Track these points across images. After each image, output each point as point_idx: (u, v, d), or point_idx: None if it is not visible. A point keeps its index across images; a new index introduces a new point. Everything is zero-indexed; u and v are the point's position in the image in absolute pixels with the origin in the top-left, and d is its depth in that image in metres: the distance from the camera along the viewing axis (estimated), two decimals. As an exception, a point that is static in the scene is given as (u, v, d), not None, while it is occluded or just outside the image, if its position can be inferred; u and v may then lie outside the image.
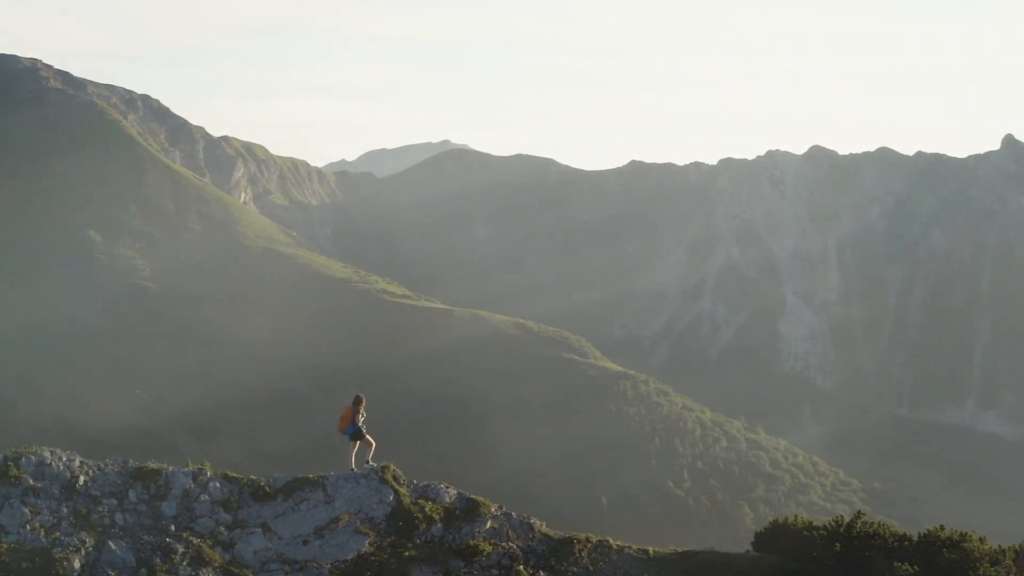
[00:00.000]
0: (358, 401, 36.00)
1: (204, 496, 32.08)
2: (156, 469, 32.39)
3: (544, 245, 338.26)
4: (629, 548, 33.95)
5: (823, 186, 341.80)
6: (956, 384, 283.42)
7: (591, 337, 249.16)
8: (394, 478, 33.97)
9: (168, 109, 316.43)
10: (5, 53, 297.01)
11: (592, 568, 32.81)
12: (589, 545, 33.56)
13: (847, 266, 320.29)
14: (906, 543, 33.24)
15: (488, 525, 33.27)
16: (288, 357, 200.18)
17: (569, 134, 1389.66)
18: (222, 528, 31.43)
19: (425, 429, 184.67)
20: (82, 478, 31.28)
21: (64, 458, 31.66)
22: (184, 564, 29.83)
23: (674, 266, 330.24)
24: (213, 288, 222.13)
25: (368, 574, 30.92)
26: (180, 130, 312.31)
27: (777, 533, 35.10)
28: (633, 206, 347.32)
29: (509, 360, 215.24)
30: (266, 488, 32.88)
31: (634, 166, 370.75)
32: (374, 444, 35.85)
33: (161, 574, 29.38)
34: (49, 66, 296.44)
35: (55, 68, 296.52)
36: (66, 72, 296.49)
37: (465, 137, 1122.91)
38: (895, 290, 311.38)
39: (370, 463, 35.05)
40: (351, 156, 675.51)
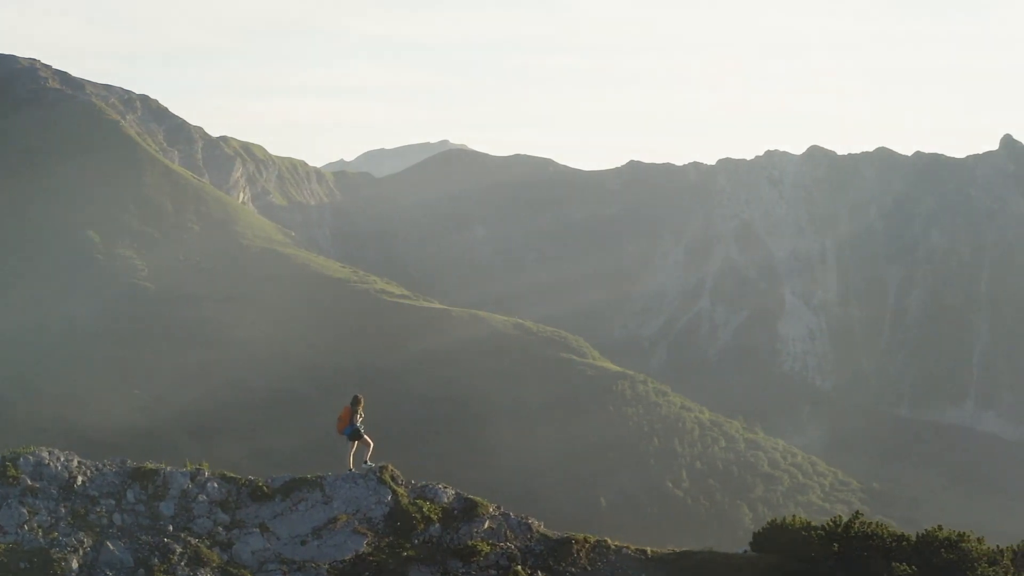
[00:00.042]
0: (356, 401, 35.98)
1: (202, 496, 32.09)
2: (154, 469, 32.39)
3: (543, 245, 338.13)
4: (627, 548, 33.96)
5: (822, 186, 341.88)
6: (955, 384, 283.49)
7: (590, 337, 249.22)
8: (392, 478, 33.97)
9: (167, 109, 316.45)
10: (3, 53, 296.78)
11: (590, 568, 32.83)
12: (587, 545, 33.57)
13: (846, 266, 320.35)
14: (904, 543, 33.28)
15: (486, 525, 33.28)
16: (287, 357, 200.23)
17: (568, 134, 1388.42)
18: (220, 528, 31.43)
19: (423, 429, 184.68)
20: (80, 478, 31.28)
21: (62, 458, 31.66)
22: (182, 564, 29.84)
23: (673, 266, 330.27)
24: (212, 288, 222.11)
25: (366, 574, 30.93)
26: (179, 130, 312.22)
27: (775, 533, 35.13)
28: (632, 206, 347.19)
29: (507, 360, 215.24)
30: (264, 488, 32.88)
31: (633, 166, 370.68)
32: (372, 444, 35.83)
33: (159, 574, 29.39)
34: (48, 66, 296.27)
35: (53, 68, 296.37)
36: (65, 72, 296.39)
37: (464, 137, 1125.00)
38: (894, 290, 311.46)
39: (368, 463, 35.04)
40: (350, 156, 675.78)
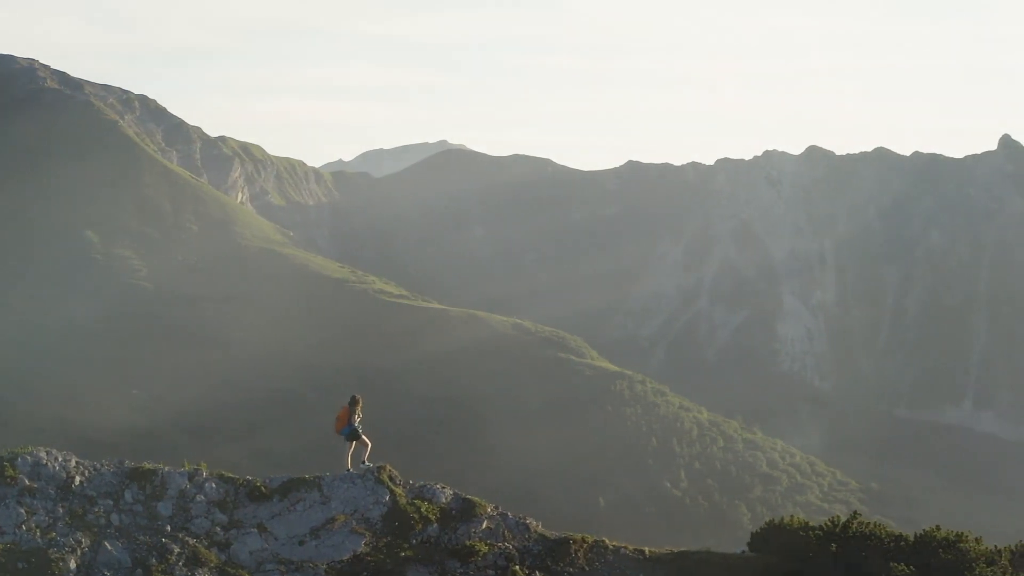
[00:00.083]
0: (355, 401, 35.95)
1: (200, 496, 32.08)
2: (152, 469, 32.38)
3: (541, 245, 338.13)
4: (625, 548, 33.96)
5: (820, 186, 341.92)
6: (953, 384, 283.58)
7: (588, 337, 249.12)
8: (390, 478, 33.96)
9: (165, 109, 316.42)
10: (2, 53, 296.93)
11: (588, 568, 32.83)
12: (585, 545, 33.57)
13: (844, 266, 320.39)
14: (902, 543, 33.28)
15: (484, 525, 33.28)
16: (285, 357, 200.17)
17: (566, 134, 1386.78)
18: (218, 528, 31.43)
19: (422, 429, 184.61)
20: (78, 478, 31.27)
21: (60, 458, 31.65)
22: (180, 564, 29.83)
23: (671, 266, 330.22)
24: (210, 288, 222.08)
25: (364, 574, 30.93)
26: (177, 130, 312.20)
27: (773, 533, 35.12)
28: (630, 206, 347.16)
29: (506, 360, 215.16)
30: (262, 488, 32.87)
31: (631, 166, 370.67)
32: (370, 444, 35.81)
33: (157, 574, 29.38)
34: (46, 66, 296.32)
35: (52, 68, 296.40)
36: (63, 72, 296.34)
37: (462, 137, 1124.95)
38: (892, 290, 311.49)
39: (366, 463, 35.04)
40: (348, 156, 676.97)
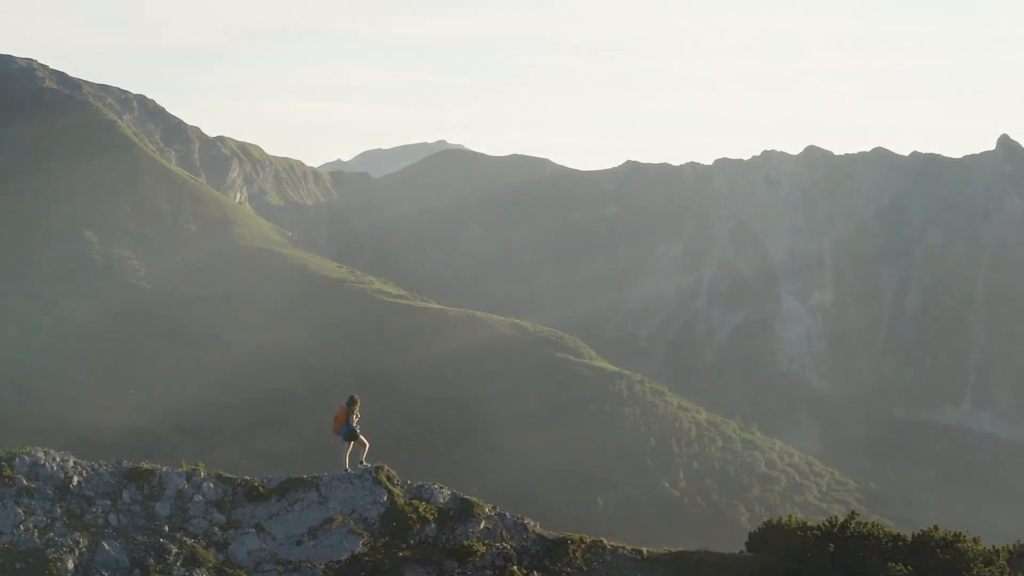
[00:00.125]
0: (353, 401, 35.93)
1: (198, 497, 32.07)
2: (150, 470, 32.37)
3: (539, 245, 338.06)
4: (623, 548, 33.96)
5: (819, 186, 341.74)
6: (952, 384, 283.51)
7: (586, 337, 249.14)
8: (388, 478, 33.95)
9: (163, 109, 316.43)
10: (0, 53, 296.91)
11: (586, 568, 32.83)
12: (583, 545, 33.57)
13: (843, 266, 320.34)
14: (900, 543, 33.29)
15: (482, 525, 33.27)
16: (283, 357, 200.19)
17: (564, 134, 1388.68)
18: (216, 528, 31.42)
19: (420, 429, 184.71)
20: (76, 478, 31.27)
21: (58, 458, 31.64)
22: (178, 565, 29.82)
23: (670, 266, 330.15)
24: (208, 288, 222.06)
25: (362, 574, 30.93)
26: (175, 130, 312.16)
27: (771, 533, 35.12)
28: (629, 206, 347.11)
29: (504, 361, 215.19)
30: (260, 488, 32.86)
31: (630, 166, 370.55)
32: (368, 444, 35.79)
33: (155, 574, 29.37)
34: (45, 66, 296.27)
35: (51, 68, 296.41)
36: (62, 72, 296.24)
37: (461, 137, 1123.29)
38: (891, 290, 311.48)
39: (364, 463, 35.03)
40: (347, 156, 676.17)
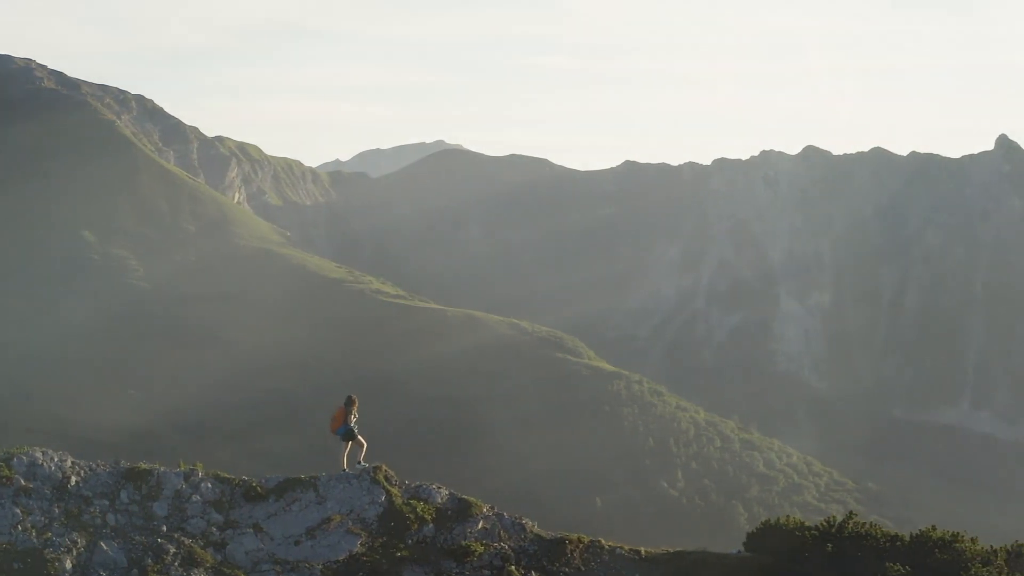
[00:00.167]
0: (350, 401, 35.88)
1: (196, 497, 32.05)
2: (148, 470, 32.33)
3: (538, 245, 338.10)
4: (621, 548, 33.94)
5: (817, 186, 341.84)
6: (950, 384, 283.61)
7: (585, 338, 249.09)
8: (386, 478, 33.93)
9: (162, 109, 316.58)
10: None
11: (584, 568, 32.81)
12: (581, 545, 33.54)
13: (841, 266, 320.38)
14: (898, 543, 33.26)
15: (480, 525, 33.24)
16: (281, 357, 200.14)
17: (563, 134, 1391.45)
18: (214, 528, 31.39)
19: (418, 429, 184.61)
20: (74, 479, 31.24)
21: (56, 458, 31.61)
22: (176, 565, 29.79)
23: (668, 266, 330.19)
24: (207, 288, 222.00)
25: (360, 574, 30.91)
26: (174, 130, 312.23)
27: (769, 533, 35.09)
28: (627, 206, 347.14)
29: (503, 361, 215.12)
30: (258, 488, 32.83)
31: (628, 166, 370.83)
32: (365, 444, 35.74)
33: (153, 574, 29.36)
34: (43, 66, 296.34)
35: (49, 68, 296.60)
36: (60, 72, 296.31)
37: (459, 137, 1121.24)
38: (889, 290, 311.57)
39: (362, 463, 34.99)
40: (345, 156, 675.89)
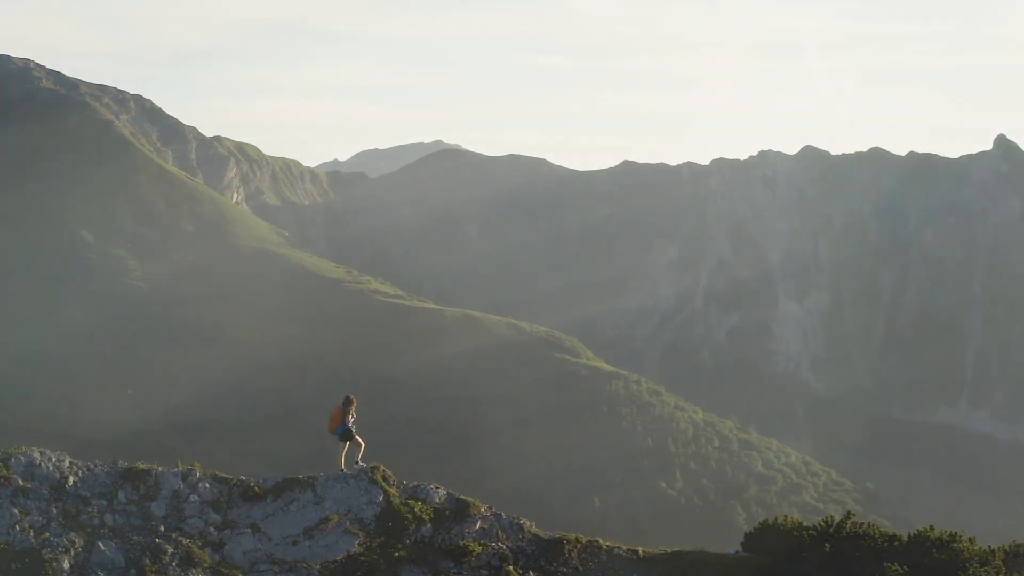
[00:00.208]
0: (348, 401, 35.85)
1: (194, 497, 32.03)
2: (145, 470, 32.31)
3: (536, 245, 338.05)
4: (619, 548, 33.93)
5: (815, 186, 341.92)
6: (948, 384, 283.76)
7: (583, 337, 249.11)
8: (384, 478, 33.91)
9: (160, 109, 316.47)
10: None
11: (582, 568, 32.80)
12: (579, 545, 33.53)
13: (839, 266, 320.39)
14: (896, 543, 33.24)
15: (478, 525, 33.23)
16: (280, 357, 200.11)
17: (561, 134, 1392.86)
18: (211, 528, 31.37)
19: (416, 429, 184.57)
20: (71, 479, 31.22)
21: (53, 459, 31.58)
22: (173, 565, 29.77)
23: (667, 266, 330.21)
24: (205, 288, 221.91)
25: (357, 574, 30.90)
26: (172, 130, 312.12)
27: (766, 533, 35.06)
28: (625, 206, 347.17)
29: (501, 360, 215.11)
30: (256, 489, 32.82)
31: (626, 166, 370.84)
32: (363, 444, 35.71)
33: (150, 574, 29.34)
34: (41, 66, 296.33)
35: (47, 68, 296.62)
36: (58, 72, 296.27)
37: (458, 137, 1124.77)
38: (887, 290, 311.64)
39: (360, 463, 34.98)
40: (344, 156, 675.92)
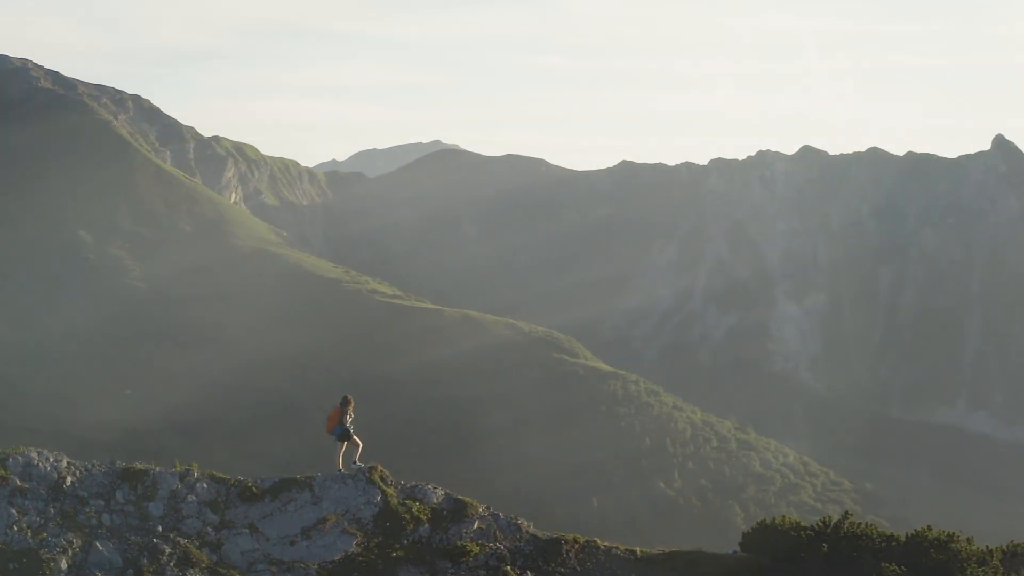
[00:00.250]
0: (346, 402, 35.88)
1: (191, 497, 32.03)
2: (143, 470, 32.32)
3: (534, 245, 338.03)
4: (616, 548, 33.94)
5: (814, 186, 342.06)
6: (946, 384, 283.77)
7: (582, 338, 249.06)
8: (381, 479, 33.92)
9: (158, 109, 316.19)
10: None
11: (579, 568, 32.80)
12: (576, 545, 33.54)
13: (837, 266, 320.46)
14: (894, 543, 33.29)
15: (475, 526, 33.24)
16: (278, 357, 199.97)
17: (559, 134, 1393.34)
18: (209, 529, 31.38)
19: (413, 429, 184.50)
20: (69, 479, 31.22)
21: (51, 459, 31.59)
22: (171, 565, 29.78)
23: (665, 267, 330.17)
24: (203, 288, 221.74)
25: (355, 575, 30.91)
26: (170, 130, 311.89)
27: (764, 533, 35.09)
28: (624, 207, 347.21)
29: (499, 361, 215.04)
30: (253, 489, 32.82)
31: (625, 166, 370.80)
32: (361, 445, 35.75)
33: (148, 575, 29.34)
34: (40, 66, 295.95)
35: (45, 68, 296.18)
36: (57, 72, 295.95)
37: (456, 137, 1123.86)
38: (886, 290, 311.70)
39: (357, 464, 34.99)
40: (342, 156, 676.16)
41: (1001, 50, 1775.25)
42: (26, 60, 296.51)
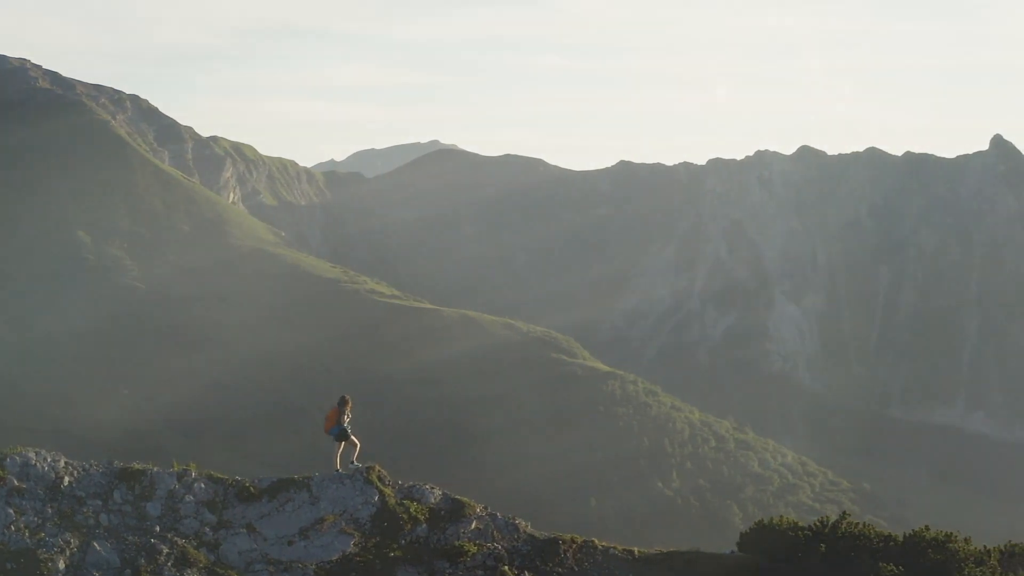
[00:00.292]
0: (344, 402, 35.87)
1: (189, 497, 32.02)
2: (141, 470, 32.29)
3: (532, 245, 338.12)
4: (614, 548, 33.93)
5: (812, 186, 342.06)
6: (944, 384, 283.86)
7: (580, 338, 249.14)
8: (379, 479, 33.91)
9: (157, 109, 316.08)
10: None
11: (577, 568, 32.79)
12: (574, 545, 33.53)
13: (836, 266, 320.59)
14: (891, 544, 33.29)
15: (473, 526, 33.23)
16: (276, 357, 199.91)
17: (558, 134, 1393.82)
18: (207, 529, 31.36)
19: (412, 429, 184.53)
20: (67, 479, 31.19)
21: (49, 459, 31.56)
22: (169, 565, 29.75)
23: (663, 267, 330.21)
24: (201, 288, 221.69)
25: (353, 575, 30.90)
26: (169, 130, 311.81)
27: (762, 534, 35.08)
28: (622, 207, 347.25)
29: (498, 361, 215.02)
30: (251, 489, 32.81)
31: (623, 166, 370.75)
32: (359, 445, 35.72)
33: (146, 575, 29.32)
34: (38, 66, 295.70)
35: (44, 68, 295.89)
36: (55, 72, 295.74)
37: (454, 137, 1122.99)
38: (884, 290, 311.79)
39: (355, 464, 34.98)
40: (340, 156, 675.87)
41: (999, 50, 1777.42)
42: (24, 60, 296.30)
